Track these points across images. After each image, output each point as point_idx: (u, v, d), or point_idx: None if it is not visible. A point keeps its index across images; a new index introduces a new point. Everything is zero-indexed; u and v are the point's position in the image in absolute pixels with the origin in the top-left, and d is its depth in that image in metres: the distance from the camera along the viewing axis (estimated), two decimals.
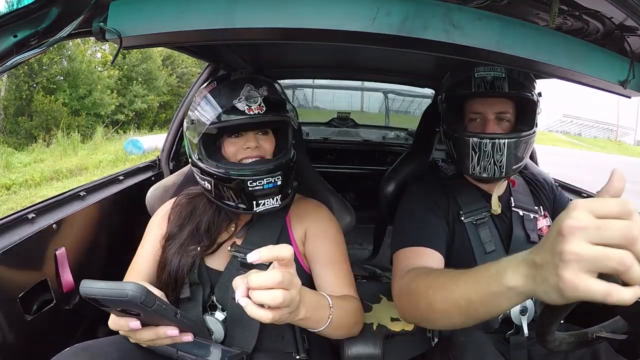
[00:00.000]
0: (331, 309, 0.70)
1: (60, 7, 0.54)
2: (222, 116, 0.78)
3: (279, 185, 0.79)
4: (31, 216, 0.97)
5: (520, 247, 0.94)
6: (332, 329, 0.71)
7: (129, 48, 0.62)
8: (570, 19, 0.71)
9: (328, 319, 0.69)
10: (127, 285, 0.47)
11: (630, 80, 0.75)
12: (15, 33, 0.52)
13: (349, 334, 0.81)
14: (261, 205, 0.80)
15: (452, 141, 0.94)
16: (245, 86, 0.80)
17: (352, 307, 0.79)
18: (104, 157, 6.76)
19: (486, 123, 0.91)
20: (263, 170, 0.78)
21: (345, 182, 2.22)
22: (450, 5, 0.62)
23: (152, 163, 1.61)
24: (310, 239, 0.88)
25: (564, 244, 0.39)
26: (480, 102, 0.92)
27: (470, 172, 0.91)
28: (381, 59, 1.56)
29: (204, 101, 0.81)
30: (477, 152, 0.87)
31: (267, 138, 0.85)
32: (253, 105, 0.78)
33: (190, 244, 0.85)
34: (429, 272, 0.74)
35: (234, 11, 0.59)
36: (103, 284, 0.48)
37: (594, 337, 0.66)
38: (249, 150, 0.82)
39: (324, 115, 3.13)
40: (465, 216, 0.95)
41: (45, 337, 0.95)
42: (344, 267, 0.87)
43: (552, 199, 1.07)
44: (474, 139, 0.88)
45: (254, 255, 0.51)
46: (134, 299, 0.47)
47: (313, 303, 0.65)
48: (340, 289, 0.82)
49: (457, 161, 0.94)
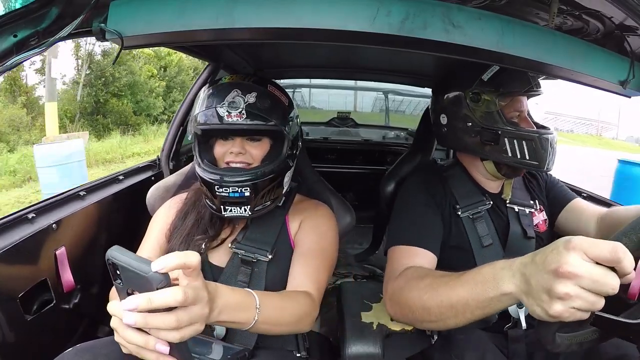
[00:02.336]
0: (257, 309, 0.64)
1: (60, 7, 0.54)
2: (203, 119, 0.80)
3: (245, 196, 0.78)
4: (31, 216, 0.97)
5: (517, 243, 0.96)
6: (262, 328, 0.66)
7: (129, 48, 0.62)
8: (570, 19, 0.71)
9: (253, 320, 0.63)
10: (150, 262, 0.45)
11: (630, 80, 0.75)
12: (15, 33, 0.51)
13: (291, 331, 0.77)
14: (228, 211, 0.80)
15: (525, 140, 0.89)
16: (232, 91, 0.79)
17: (294, 305, 0.74)
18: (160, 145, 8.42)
19: (525, 120, 0.94)
20: (228, 181, 0.77)
21: (345, 182, 2.22)
22: (450, 5, 0.62)
23: (152, 163, 1.61)
24: (300, 230, 0.88)
25: (558, 284, 0.45)
26: (522, 101, 0.94)
27: (545, 167, 0.90)
28: (381, 58, 1.56)
29: (199, 101, 0.83)
30: (553, 147, 0.90)
31: (257, 145, 0.83)
32: (233, 112, 0.77)
33: (196, 234, 0.85)
34: (421, 275, 0.74)
35: (234, 11, 0.59)
36: (133, 255, 0.46)
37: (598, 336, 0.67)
38: (233, 155, 0.82)
39: (320, 115, 3.14)
40: (462, 210, 0.95)
41: (45, 337, 0.95)
42: (316, 262, 0.83)
43: (544, 186, 1.08)
44: (550, 135, 0.89)
45: (159, 264, 0.45)
46: (152, 279, 0.44)
47: (232, 304, 0.59)
48: (303, 282, 0.80)
49: (531, 159, 0.89)
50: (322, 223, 0.90)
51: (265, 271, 0.83)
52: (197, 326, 0.50)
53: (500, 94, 0.91)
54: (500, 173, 0.97)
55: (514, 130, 0.90)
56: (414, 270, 0.78)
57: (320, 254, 0.85)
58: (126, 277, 0.46)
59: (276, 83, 0.88)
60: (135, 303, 0.45)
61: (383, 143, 2.65)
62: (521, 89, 0.91)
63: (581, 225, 0.98)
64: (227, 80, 0.83)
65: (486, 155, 0.96)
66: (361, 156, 2.59)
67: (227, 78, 0.85)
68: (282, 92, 0.87)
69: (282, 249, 0.86)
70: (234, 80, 0.83)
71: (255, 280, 0.82)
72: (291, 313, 0.72)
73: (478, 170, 1.02)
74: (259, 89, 0.81)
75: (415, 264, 0.82)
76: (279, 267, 0.84)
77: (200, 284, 0.50)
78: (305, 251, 0.85)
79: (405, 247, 0.88)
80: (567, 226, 1.02)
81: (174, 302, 0.45)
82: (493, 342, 0.86)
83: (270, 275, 0.83)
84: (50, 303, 0.97)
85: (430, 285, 0.68)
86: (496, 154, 0.93)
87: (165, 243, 0.87)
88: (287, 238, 0.88)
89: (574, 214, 1.01)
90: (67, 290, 1.00)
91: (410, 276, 0.76)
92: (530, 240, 0.97)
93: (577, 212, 1.01)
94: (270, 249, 0.84)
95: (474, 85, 0.93)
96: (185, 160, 1.66)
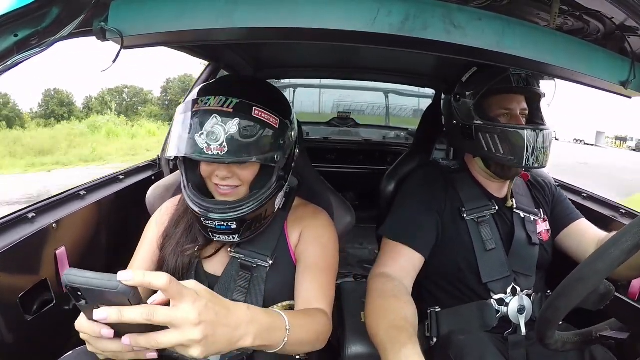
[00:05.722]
0: (287, 331, 0.63)
1: (61, 6, 0.53)
2: (181, 147, 0.72)
3: (233, 228, 0.75)
4: (31, 216, 0.97)
5: (521, 248, 0.96)
6: (288, 349, 0.64)
7: (130, 48, 0.62)
8: (571, 19, 0.71)
9: (282, 342, 0.62)
10: (114, 276, 0.45)
11: (631, 80, 0.75)
12: (16, 32, 0.51)
13: (309, 350, 0.75)
14: (217, 237, 0.78)
15: (497, 135, 0.92)
16: (211, 118, 0.69)
17: (315, 324, 0.73)
18: None
19: (515, 118, 0.95)
20: (213, 217, 0.74)
21: (345, 182, 2.22)
22: (450, 6, 0.62)
23: (152, 162, 1.61)
24: (301, 242, 0.86)
25: None
26: (511, 99, 0.95)
27: (524, 163, 0.91)
28: (382, 58, 1.56)
29: (176, 120, 0.75)
30: (531, 143, 0.90)
31: (245, 167, 0.76)
32: (213, 145, 0.69)
33: (185, 243, 0.83)
34: (382, 297, 0.81)
35: (234, 11, 0.59)
36: (91, 273, 0.44)
37: (598, 335, 0.67)
38: (219, 179, 0.76)
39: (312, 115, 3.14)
40: (467, 213, 0.96)
41: (45, 338, 0.95)
42: (323, 277, 0.82)
43: (551, 200, 1.08)
44: (528, 131, 0.90)
45: (125, 275, 0.44)
46: (124, 292, 0.44)
47: (264, 325, 0.59)
48: (315, 299, 0.78)
49: (505, 154, 0.92)
50: (322, 234, 0.87)
51: (265, 277, 0.82)
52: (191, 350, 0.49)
53: (474, 92, 0.96)
54: (490, 170, 0.99)
55: (483, 125, 0.94)
56: (385, 284, 0.85)
57: (327, 268, 0.83)
58: (92, 297, 0.46)
59: (270, 97, 0.78)
60: (105, 314, 0.46)
61: (383, 143, 2.65)
62: (491, 86, 0.94)
63: (581, 247, 0.99)
64: (204, 106, 0.71)
65: (469, 150, 1.02)
66: (361, 156, 2.59)
67: (205, 101, 0.72)
68: (274, 112, 0.74)
69: (281, 256, 0.85)
70: (213, 105, 0.71)
71: (254, 286, 0.81)
72: (314, 331, 0.72)
73: (475, 169, 1.03)
74: (242, 116, 0.70)
75: (398, 265, 0.90)
76: (278, 274, 0.83)
77: (185, 307, 0.48)
78: (311, 266, 0.83)
79: (393, 243, 0.93)
80: (567, 244, 1.03)
81: (141, 319, 0.45)
82: (493, 344, 0.86)
83: (269, 281, 0.82)
84: (50, 303, 0.96)
85: (377, 314, 0.78)
86: (476, 149, 0.97)
87: (157, 251, 0.85)
88: (286, 246, 0.86)
89: (575, 235, 1.02)
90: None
91: (378, 292, 0.83)
92: (534, 247, 0.97)
93: (580, 233, 1.01)
94: (270, 254, 0.83)
95: (457, 87, 1.00)
96: None
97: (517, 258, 0.95)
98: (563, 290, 0.57)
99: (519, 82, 0.92)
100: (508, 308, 0.91)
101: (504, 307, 0.92)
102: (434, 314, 0.95)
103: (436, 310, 0.96)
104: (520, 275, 0.95)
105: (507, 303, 0.92)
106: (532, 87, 0.94)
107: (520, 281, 0.94)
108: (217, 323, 0.51)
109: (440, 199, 0.98)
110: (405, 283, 0.87)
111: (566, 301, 0.57)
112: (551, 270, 1.02)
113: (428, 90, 2.60)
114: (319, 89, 3.59)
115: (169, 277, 0.47)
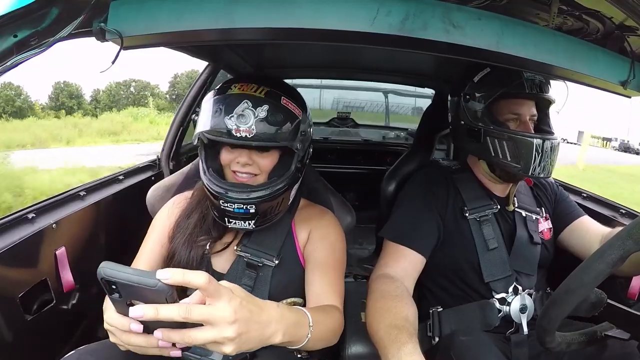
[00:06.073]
0: (311, 327, 0.65)
1: (60, 7, 0.53)
2: (209, 128, 0.76)
3: (250, 212, 0.77)
4: (31, 216, 0.97)
5: (523, 247, 0.96)
6: (309, 345, 0.67)
7: (129, 48, 0.62)
8: (570, 19, 0.71)
9: (306, 338, 0.65)
10: (153, 273, 0.45)
11: (630, 80, 0.75)
12: (15, 33, 0.51)
13: (324, 346, 0.77)
14: (232, 223, 0.79)
15: (505, 140, 0.91)
16: (242, 102, 0.74)
17: (332, 320, 0.75)
18: None
19: (524, 124, 0.93)
20: (233, 197, 0.76)
21: (345, 182, 2.22)
22: (450, 5, 0.62)
23: (152, 163, 1.61)
24: (310, 241, 0.88)
25: None
26: (522, 104, 0.94)
27: (530, 172, 0.90)
28: (381, 58, 1.56)
29: (205, 105, 0.79)
30: (540, 153, 0.89)
31: (266, 155, 0.80)
32: (242, 127, 0.73)
33: (198, 234, 0.84)
34: (384, 297, 0.81)
35: (234, 11, 0.59)
36: (128, 269, 0.44)
37: (603, 335, 0.67)
38: (239, 165, 0.79)
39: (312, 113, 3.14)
40: (469, 212, 0.96)
41: (45, 337, 0.95)
42: (333, 274, 0.84)
43: (553, 199, 1.08)
44: (537, 140, 0.88)
45: (164, 274, 0.45)
46: (162, 290, 0.44)
47: (291, 322, 0.61)
48: (326, 295, 0.80)
49: (512, 160, 0.91)
50: (330, 233, 0.89)
51: (270, 276, 0.82)
52: (224, 347, 0.50)
53: (485, 94, 0.94)
54: (495, 174, 0.98)
55: (492, 130, 0.93)
56: (386, 284, 0.85)
57: (336, 266, 0.85)
58: (127, 292, 0.46)
59: (292, 92, 0.83)
60: (141, 312, 0.46)
61: (383, 143, 2.65)
62: (505, 90, 0.91)
63: (585, 243, 0.99)
64: (237, 90, 0.76)
65: (474, 152, 1.00)
66: (361, 156, 2.59)
67: (238, 87, 0.77)
68: (297, 104, 0.80)
69: (288, 255, 0.85)
70: (246, 90, 0.76)
71: (259, 284, 0.82)
72: (331, 328, 0.74)
73: (479, 171, 1.03)
74: (272, 103, 0.76)
75: (399, 266, 0.90)
76: (283, 273, 0.84)
77: (221, 305, 0.49)
78: (320, 264, 0.84)
79: (394, 244, 0.93)
80: (570, 242, 1.03)
81: (178, 317, 0.46)
82: (495, 344, 0.86)
83: (274, 280, 0.82)
84: (50, 303, 0.96)
85: (376, 315, 0.77)
86: (482, 152, 0.96)
87: (167, 243, 0.86)
88: (293, 245, 0.87)
89: (578, 232, 1.02)
90: (67, 291, 1.01)
91: (379, 294, 0.83)
92: (536, 246, 0.98)
93: (582, 230, 1.02)
94: (276, 253, 0.84)
95: (467, 87, 0.98)
96: (185, 160, 1.65)
97: (518, 257, 0.95)
98: (555, 300, 0.59)
99: (532, 88, 0.90)
100: (510, 307, 0.91)
101: (505, 306, 0.92)
102: (435, 313, 0.95)
103: (438, 309, 0.96)
104: (522, 275, 0.95)
105: (509, 302, 0.92)
106: (544, 94, 0.92)
107: (522, 280, 0.95)
108: (251, 321, 0.52)
109: (442, 199, 0.98)
110: (406, 284, 0.87)
111: (558, 311, 0.59)
112: (552, 268, 1.02)
113: (427, 90, 2.60)
114: (319, 89, 3.59)
115: (207, 275, 0.48)
